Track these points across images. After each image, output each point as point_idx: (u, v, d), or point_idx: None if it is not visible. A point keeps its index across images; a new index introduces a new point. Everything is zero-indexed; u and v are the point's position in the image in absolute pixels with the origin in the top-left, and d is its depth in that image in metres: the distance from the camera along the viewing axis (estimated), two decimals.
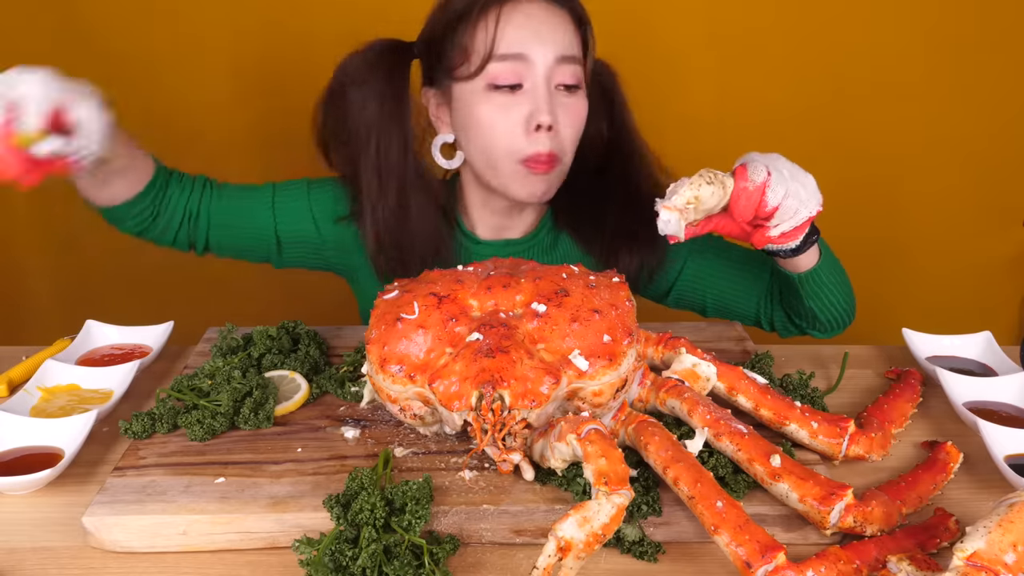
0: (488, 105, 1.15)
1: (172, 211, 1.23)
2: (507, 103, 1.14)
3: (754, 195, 0.95)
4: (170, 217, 1.23)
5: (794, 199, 0.97)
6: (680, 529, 0.84)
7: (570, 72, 1.15)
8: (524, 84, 1.14)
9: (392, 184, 1.21)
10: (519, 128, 1.14)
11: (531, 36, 1.13)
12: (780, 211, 0.97)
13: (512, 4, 1.14)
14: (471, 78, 1.15)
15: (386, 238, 1.23)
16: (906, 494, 0.86)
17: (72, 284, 2.29)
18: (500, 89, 1.14)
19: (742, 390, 0.97)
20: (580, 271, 0.99)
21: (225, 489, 0.87)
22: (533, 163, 1.15)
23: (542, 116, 1.13)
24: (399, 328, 0.91)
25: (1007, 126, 2.16)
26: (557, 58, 1.13)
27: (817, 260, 1.10)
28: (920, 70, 2.11)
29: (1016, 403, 1.05)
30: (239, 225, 1.27)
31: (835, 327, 1.21)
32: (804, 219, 0.98)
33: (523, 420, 0.86)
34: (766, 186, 0.95)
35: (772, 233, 0.99)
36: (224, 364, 1.09)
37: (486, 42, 1.13)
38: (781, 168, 0.97)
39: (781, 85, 2.12)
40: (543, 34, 1.13)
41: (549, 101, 1.13)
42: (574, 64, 1.16)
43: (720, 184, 0.95)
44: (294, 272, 1.32)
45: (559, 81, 1.15)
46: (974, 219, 2.25)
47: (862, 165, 2.20)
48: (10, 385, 1.13)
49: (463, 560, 0.82)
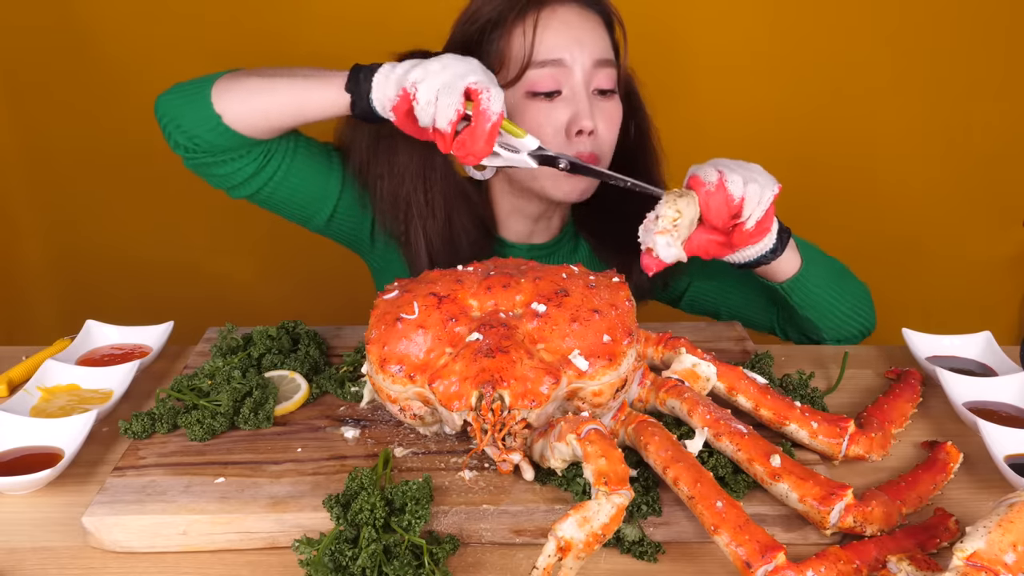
0: (528, 112, 1.15)
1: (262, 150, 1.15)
2: (547, 109, 1.15)
3: (718, 194, 0.99)
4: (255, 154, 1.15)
5: (754, 184, 1.00)
6: (680, 529, 0.84)
7: (606, 76, 1.16)
8: (563, 90, 1.14)
9: (439, 201, 1.21)
10: (560, 134, 1.15)
11: (569, 42, 1.13)
12: (747, 199, 1.00)
13: (549, 10, 1.14)
14: (509, 86, 1.15)
15: (439, 256, 1.23)
16: (906, 494, 0.86)
17: (72, 284, 2.29)
18: (538, 96, 1.14)
19: (742, 390, 0.97)
20: (580, 271, 0.99)
21: (225, 489, 0.87)
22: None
23: (584, 121, 1.13)
24: (399, 328, 0.91)
25: (1007, 126, 2.16)
26: (594, 63, 1.14)
27: (799, 265, 1.12)
28: (921, 70, 2.11)
29: (1016, 403, 1.05)
30: (303, 187, 1.21)
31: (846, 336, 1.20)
32: (769, 200, 1.01)
33: (523, 420, 0.86)
34: (724, 181, 0.99)
35: (749, 226, 1.01)
36: (224, 364, 1.09)
37: (524, 49, 1.13)
38: (727, 164, 1.01)
39: (780, 86, 2.12)
40: (581, 39, 1.13)
41: (589, 106, 1.14)
42: (609, 68, 1.16)
43: (688, 196, 1.00)
44: (294, 272, 1.33)
45: (596, 86, 1.16)
46: (974, 219, 2.25)
47: (862, 165, 2.20)
48: (10, 385, 1.13)
49: (463, 560, 0.82)
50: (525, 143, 1.01)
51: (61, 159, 2.17)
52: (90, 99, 2.10)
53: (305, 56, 1.99)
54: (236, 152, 1.13)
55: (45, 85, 2.10)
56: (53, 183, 2.20)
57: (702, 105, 2.12)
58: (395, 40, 1.21)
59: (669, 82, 2.01)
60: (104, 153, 2.16)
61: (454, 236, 1.23)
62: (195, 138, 1.11)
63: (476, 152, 0.98)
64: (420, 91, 0.98)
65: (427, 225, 1.22)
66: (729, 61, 2.10)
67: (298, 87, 1.07)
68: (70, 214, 2.23)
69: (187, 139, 1.11)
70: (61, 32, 2.04)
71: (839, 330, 1.18)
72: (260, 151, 1.14)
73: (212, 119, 1.09)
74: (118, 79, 2.08)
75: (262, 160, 1.15)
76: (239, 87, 1.08)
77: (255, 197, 1.21)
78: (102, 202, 2.21)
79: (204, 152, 1.12)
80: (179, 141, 1.12)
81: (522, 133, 1.01)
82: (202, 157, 1.13)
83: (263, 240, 2.25)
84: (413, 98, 0.99)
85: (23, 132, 2.14)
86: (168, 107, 1.12)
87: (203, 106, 1.09)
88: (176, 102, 1.11)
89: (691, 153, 1.20)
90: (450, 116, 0.96)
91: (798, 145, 2.17)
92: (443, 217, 1.22)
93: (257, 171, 1.16)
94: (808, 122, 2.14)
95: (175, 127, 1.12)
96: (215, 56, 2.03)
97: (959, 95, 2.13)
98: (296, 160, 1.18)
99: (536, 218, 1.30)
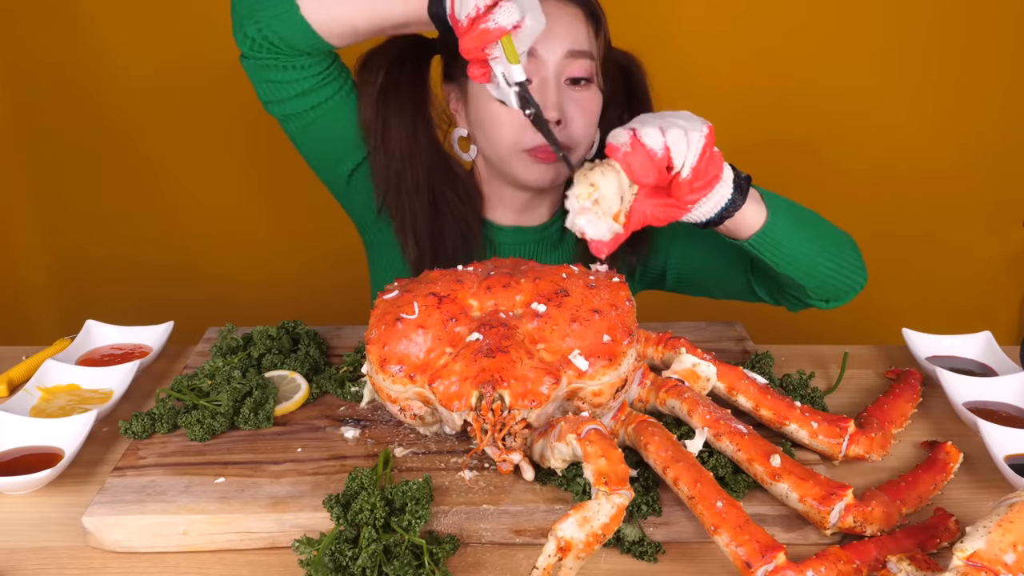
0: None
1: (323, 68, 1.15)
2: None
3: (637, 151, 0.93)
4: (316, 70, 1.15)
5: (676, 129, 0.94)
6: (680, 529, 0.84)
7: (580, 66, 1.17)
8: (533, 80, 1.15)
9: (423, 176, 1.23)
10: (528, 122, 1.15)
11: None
12: (672, 147, 0.94)
13: None
14: None
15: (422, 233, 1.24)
16: (906, 494, 0.86)
17: (72, 284, 2.29)
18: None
19: (742, 390, 0.97)
20: (580, 271, 0.99)
21: (225, 489, 0.87)
22: (539, 152, 1.17)
23: (549, 112, 1.14)
24: (399, 328, 0.91)
25: (1008, 126, 2.16)
26: (566, 53, 1.15)
27: (766, 217, 1.05)
28: (922, 69, 2.11)
29: (1016, 403, 1.05)
30: (341, 128, 1.21)
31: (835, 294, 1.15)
32: (700, 141, 0.94)
33: (523, 420, 0.86)
34: (636, 136, 0.94)
35: (685, 175, 0.95)
36: (224, 364, 1.09)
37: None
38: (642, 119, 0.97)
39: (780, 85, 2.12)
40: (553, 30, 1.14)
41: (558, 96, 1.15)
42: (584, 59, 1.17)
43: (604, 166, 0.94)
44: (294, 272, 1.33)
45: (568, 75, 1.17)
46: (974, 219, 2.25)
47: (862, 165, 2.20)
48: (10, 385, 1.13)
49: (463, 560, 0.82)
50: (512, 71, 0.98)
51: (61, 159, 2.17)
52: (90, 99, 2.10)
53: None
54: (300, 60, 1.12)
55: (45, 85, 2.10)
56: (53, 183, 2.20)
57: (703, 104, 2.11)
58: None
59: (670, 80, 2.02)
60: (104, 153, 2.16)
61: (440, 211, 1.25)
62: (266, 29, 1.09)
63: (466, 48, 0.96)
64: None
65: (413, 200, 1.23)
66: (730, 59, 2.10)
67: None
68: (70, 214, 2.23)
69: (258, 30, 1.09)
70: (61, 33, 2.04)
71: (825, 287, 1.13)
72: (320, 69, 1.15)
73: (291, 9, 1.07)
74: (119, 81, 2.08)
75: (319, 80, 1.15)
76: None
77: (293, 120, 1.19)
78: (102, 202, 2.21)
79: (269, 51, 1.11)
80: (248, 33, 1.10)
81: (515, 59, 0.98)
82: (265, 57, 1.12)
83: (263, 240, 2.25)
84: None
85: (23, 132, 2.14)
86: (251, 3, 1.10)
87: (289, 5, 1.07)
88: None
89: None
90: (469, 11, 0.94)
91: (798, 144, 2.17)
92: (428, 192, 1.23)
93: (310, 89, 1.16)
94: (808, 123, 2.14)
95: (247, 15, 1.10)
96: (215, 56, 2.04)
97: (960, 95, 2.13)
98: (348, 99, 1.20)
99: (521, 207, 1.31)
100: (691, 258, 1.31)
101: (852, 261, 1.14)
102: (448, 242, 1.26)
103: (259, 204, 2.22)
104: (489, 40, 0.95)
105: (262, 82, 1.16)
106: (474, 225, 1.29)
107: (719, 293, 1.33)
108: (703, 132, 0.95)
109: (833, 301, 1.17)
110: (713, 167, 0.97)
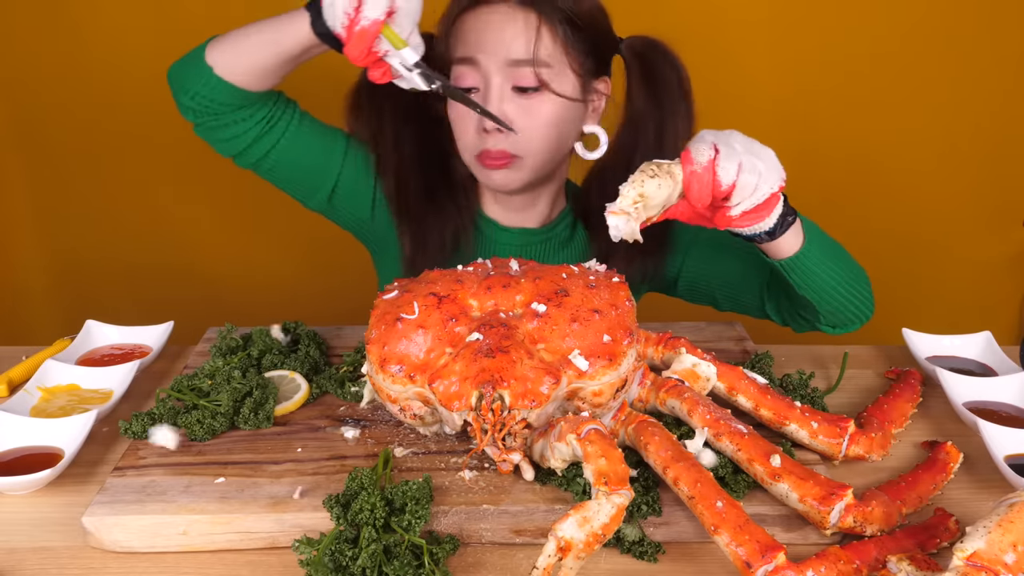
0: (456, 107, 1.21)
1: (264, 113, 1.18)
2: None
3: (704, 176, 0.92)
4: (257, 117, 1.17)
5: (751, 174, 0.92)
6: (680, 529, 0.84)
7: (524, 74, 1.16)
8: (479, 87, 1.17)
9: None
10: (473, 128, 1.20)
11: (481, 41, 1.16)
12: (737, 189, 0.93)
13: (473, 11, 1.18)
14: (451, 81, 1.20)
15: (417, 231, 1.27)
16: (906, 494, 0.86)
17: (72, 284, 2.29)
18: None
19: (742, 390, 0.97)
20: (580, 271, 0.99)
21: (225, 489, 0.87)
22: (485, 158, 1.20)
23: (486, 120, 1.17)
24: (399, 328, 0.91)
25: (1008, 126, 2.16)
26: (508, 62, 1.15)
27: (802, 244, 1.06)
28: (921, 69, 2.11)
29: (1016, 403, 1.05)
30: (307, 159, 1.24)
31: (844, 321, 1.16)
32: (765, 195, 0.94)
33: (523, 420, 0.86)
34: (715, 165, 0.92)
35: (733, 213, 0.95)
36: (224, 364, 1.09)
37: (447, 46, 1.20)
38: (734, 143, 0.93)
39: (781, 84, 2.12)
40: (497, 40, 1.16)
41: (499, 104, 1.16)
42: (526, 67, 1.16)
43: (666, 174, 0.91)
44: (294, 272, 1.33)
45: (514, 83, 1.17)
46: (974, 219, 2.25)
47: (862, 165, 2.20)
48: (10, 385, 1.13)
49: (463, 560, 0.82)
50: (404, 55, 0.99)
51: (60, 159, 2.17)
52: (90, 100, 2.10)
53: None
54: (240, 112, 1.15)
55: (44, 87, 2.09)
56: (53, 183, 2.19)
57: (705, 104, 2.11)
58: None
59: None
60: (104, 153, 2.16)
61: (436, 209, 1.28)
62: (196, 96, 1.13)
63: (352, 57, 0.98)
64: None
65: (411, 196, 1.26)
66: (732, 58, 2.09)
67: (272, 23, 1.09)
68: (70, 214, 2.22)
69: (189, 98, 1.14)
70: (59, 32, 2.04)
71: (836, 315, 1.15)
72: (264, 114, 1.17)
73: (206, 72, 1.11)
74: (118, 82, 2.08)
75: (265, 125, 1.18)
76: (225, 39, 1.12)
77: (260, 165, 1.22)
78: (102, 202, 2.20)
79: (209, 114, 1.15)
80: (183, 102, 1.15)
81: (400, 43, 0.98)
82: (208, 120, 1.16)
83: (263, 240, 2.25)
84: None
85: (22, 132, 2.14)
86: (173, 73, 1.16)
87: (198, 63, 1.12)
88: (178, 67, 1.15)
89: None
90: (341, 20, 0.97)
91: (799, 143, 2.17)
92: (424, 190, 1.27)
93: (261, 135, 1.18)
94: (809, 122, 2.14)
95: (178, 88, 1.15)
96: None
97: (961, 95, 2.13)
98: (301, 129, 1.22)
99: (519, 206, 1.32)
100: (707, 271, 1.31)
101: (865, 294, 1.16)
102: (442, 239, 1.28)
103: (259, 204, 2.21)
104: (370, 40, 0.97)
105: (217, 143, 1.19)
106: (468, 224, 1.30)
107: (727, 305, 1.33)
108: (772, 187, 0.94)
109: (840, 328, 1.18)
110: (765, 210, 0.97)
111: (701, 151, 0.92)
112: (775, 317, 1.27)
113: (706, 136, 0.95)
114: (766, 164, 0.94)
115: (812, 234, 1.08)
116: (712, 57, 2.10)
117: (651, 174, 0.91)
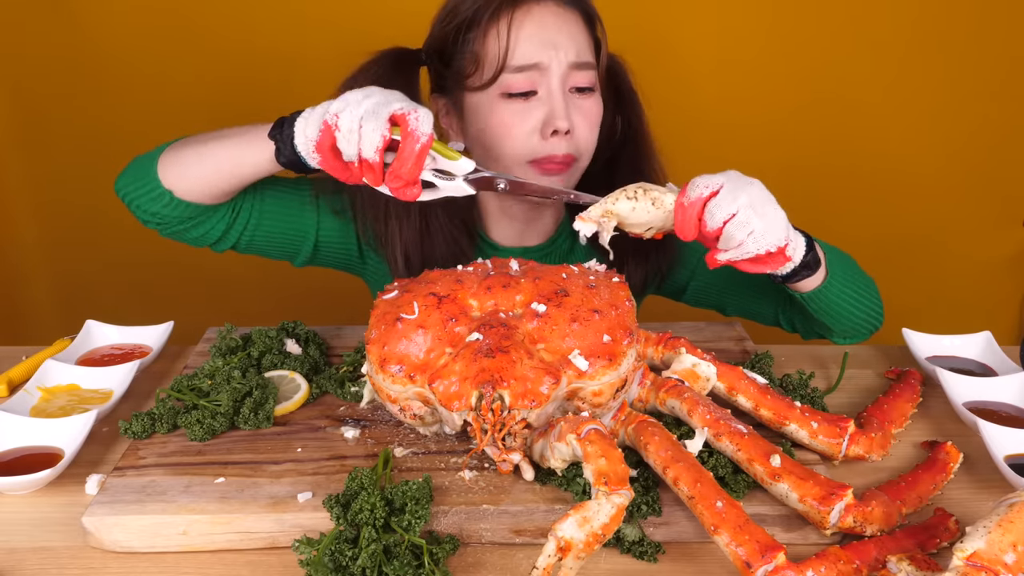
0: (503, 113, 1.14)
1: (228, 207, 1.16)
2: (522, 109, 1.13)
3: (690, 212, 0.91)
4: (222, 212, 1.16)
5: (741, 229, 0.90)
6: (680, 529, 0.84)
7: (584, 76, 1.14)
8: (539, 91, 1.13)
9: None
10: (535, 133, 1.14)
11: (544, 45, 1.12)
12: (724, 237, 0.92)
13: (524, 10, 1.12)
14: (484, 87, 1.14)
15: (414, 258, 1.22)
16: (906, 494, 0.86)
17: (72, 284, 2.29)
18: (514, 96, 1.13)
19: (742, 390, 0.96)
20: (580, 271, 0.99)
21: (225, 489, 0.87)
22: (548, 163, 1.15)
23: (559, 122, 1.12)
24: (399, 328, 0.91)
25: (1007, 126, 2.16)
26: (571, 64, 1.13)
27: (823, 280, 1.06)
28: (920, 70, 2.11)
29: (1016, 403, 1.05)
30: (280, 229, 1.22)
31: (856, 335, 1.18)
32: (751, 254, 0.92)
33: (523, 420, 0.86)
34: (704, 205, 0.91)
35: (719, 258, 0.94)
36: (224, 364, 1.08)
37: (499, 53, 1.12)
38: (740, 194, 0.90)
39: (782, 84, 2.12)
40: (557, 41, 1.12)
41: (565, 106, 1.13)
42: (588, 69, 1.15)
43: (648, 200, 0.93)
44: (294, 272, 1.32)
45: (573, 85, 1.14)
46: (974, 219, 2.25)
47: (862, 165, 2.20)
48: (10, 385, 1.13)
49: (463, 560, 0.82)
50: (459, 165, 0.96)
51: (61, 159, 2.17)
52: (90, 96, 2.10)
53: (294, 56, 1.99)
54: (202, 216, 1.15)
55: (44, 83, 2.09)
56: (53, 183, 2.20)
57: (706, 104, 2.12)
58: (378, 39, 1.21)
59: (671, 77, 2.02)
60: (104, 152, 2.15)
61: (432, 235, 1.23)
62: (157, 215, 1.13)
63: (407, 176, 0.93)
64: (342, 120, 0.93)
65: (403, 225, 1.21)
66: (733, 58, 2.10)
67: (230, 148, 1.07)
68: (70, 214, 2.22)
69: (150, 216, 1.14)
70: (60, 27, 2.04)
71: (850, 331, 1.16)
72: (226, 209, 1.16)
73: (164, 196, 1.11)
74: (119, 81, 2.08)
75: (230, 217, 1.17)
76: (179, 161, 1.10)
77: (237, 248, 1.22)
78: (102, 202, 2.20)
79: (172, 223, 1.15)
80: (144, 219, 1.15)
81: (455, 155, 0.95)
82: (173, 227, 1.15)
83: None
84: (335, 128, 0.94)
85: (22, 131, 2.14)
86: (126, 190, 1.14)
87: (154, 185, 1.11)
88: (131, 185, 1.14)
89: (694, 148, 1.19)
90: (375, 142, 0.91)
91: (798, 145, 2.17)
92: (418, 217, 1.21)
93: (229, 227, 1.17)
94: (809, 122, 2.14)
95: (136, 208, 1.14)
96: (211, 55, 2.04)
97: (961, 96, 2.13)
98: (265, 206, 1.19)
99: (525, 218, 1.29)
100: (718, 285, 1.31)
101: (877, 307, 1.17)
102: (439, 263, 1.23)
103: None
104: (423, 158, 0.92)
105: (188, 242, 1.18)
106: (467, 248, 1.26)
107: (735, 313, 1.33)
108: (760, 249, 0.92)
109: (851, 339, 1.19)
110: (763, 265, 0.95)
111: (697, 187, 0.92)
112: (786, 327, 1.28)
113: (718, 177, 0.93)
114: (768, 225, 0.91)
115: (833, 267, 1.07)
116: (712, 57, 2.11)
117: (629, 196, 0.94)
